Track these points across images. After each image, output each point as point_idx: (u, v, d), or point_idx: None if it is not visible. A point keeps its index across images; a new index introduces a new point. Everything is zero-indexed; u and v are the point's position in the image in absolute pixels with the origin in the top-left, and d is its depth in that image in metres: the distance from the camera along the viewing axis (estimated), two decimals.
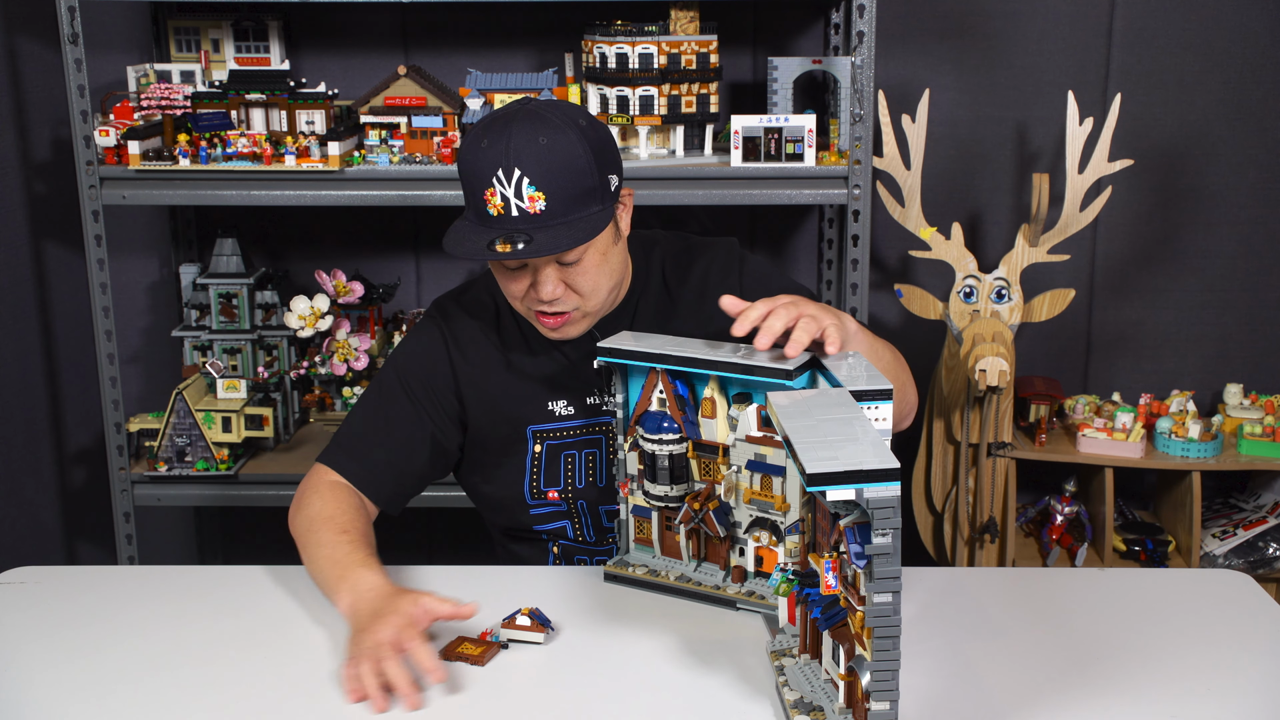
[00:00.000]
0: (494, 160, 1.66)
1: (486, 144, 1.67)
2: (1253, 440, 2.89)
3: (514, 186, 1.65)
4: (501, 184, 1.66)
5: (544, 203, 1.66)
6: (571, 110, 1.72)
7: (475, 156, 1.68)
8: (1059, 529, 3.02)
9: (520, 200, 1.66)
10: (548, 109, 1.71)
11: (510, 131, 1.66)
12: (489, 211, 1.67)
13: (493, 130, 1.68)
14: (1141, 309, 3.19)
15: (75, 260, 3.08)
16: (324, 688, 1.51)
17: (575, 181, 1.67)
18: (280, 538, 3.64)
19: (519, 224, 1.66)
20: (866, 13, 2.57)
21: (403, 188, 2.70)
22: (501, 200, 1.66)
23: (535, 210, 1.66)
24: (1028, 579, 1.78)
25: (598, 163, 1.69)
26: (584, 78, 2.80)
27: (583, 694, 1.49)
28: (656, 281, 1.90)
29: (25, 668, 1.56)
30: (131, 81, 2.84)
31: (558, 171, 1.66)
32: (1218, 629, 1.63)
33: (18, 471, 3.07)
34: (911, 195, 2.84)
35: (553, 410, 1.89)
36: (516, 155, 1.65)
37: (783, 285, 1.88)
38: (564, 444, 1.89)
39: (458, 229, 1.73)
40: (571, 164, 1.67)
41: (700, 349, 1.64)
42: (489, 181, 1.67)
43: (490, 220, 1.68)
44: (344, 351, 2.80)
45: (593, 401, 1.88)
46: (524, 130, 1.66)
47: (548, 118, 1.68)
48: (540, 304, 1.75)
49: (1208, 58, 3.05)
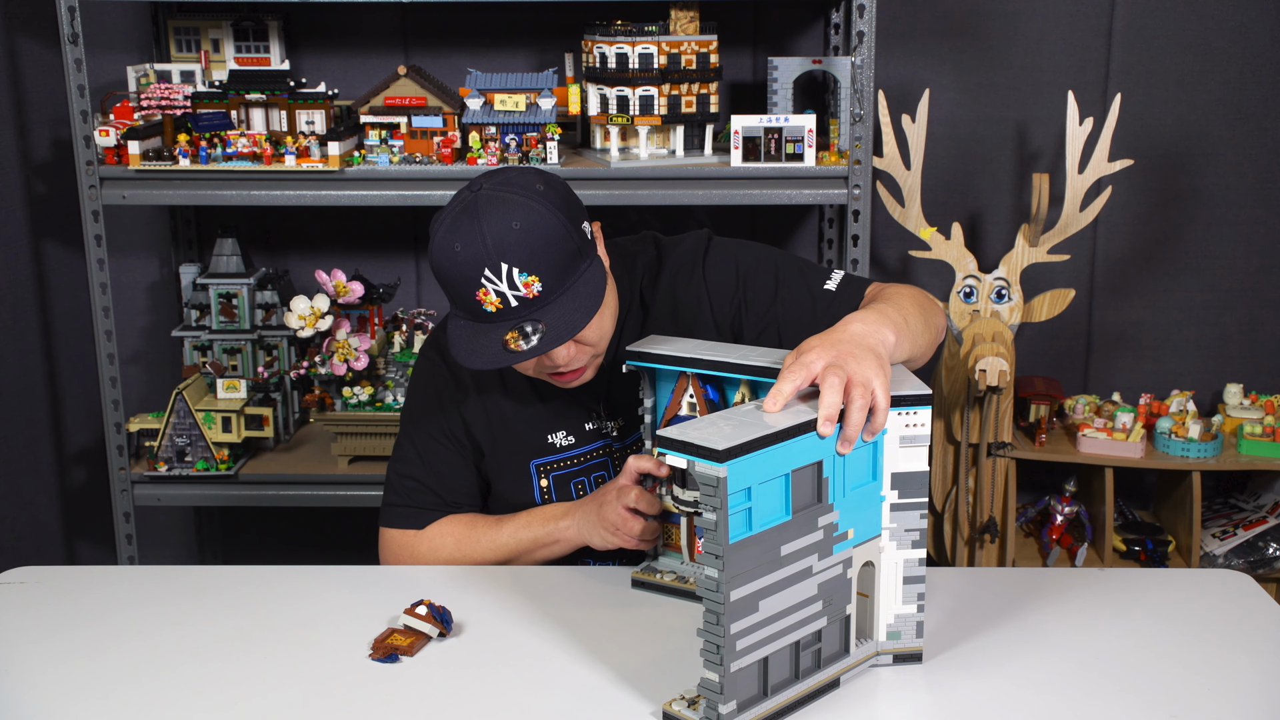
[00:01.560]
0: (476, 260, 1.61)
1: (460, 247, 1.61)
2: (1253, 440, 2.89)
3: (506, 280, 1.61)
4: (492, 281, 1.61)
5: (539, 284, 1.62)
6: (523, 179, 1.67)
7: (453, 262, 1.62)
8: (1059, 529, 3.02)
9: (516, 290, 1.62)
10: (502, 189, 1.64)
11: (480, 226, 1.61)
12: (485, 310, 1.64)
13: (460, 230, 1.62)
14: (1141, 309, 3.19)
15: (75, 260, 3.08)
16: (324, 687, 1.51)
17: (560, 251, 1.63)
18: (280, 538, 3.66)
19: (520, 313, 1.63)
20: (866, 13, 2.57)
21: (403, 188, 2.70)
22: (497, 296, 1.62)
23: (533, 294, 1.62)
24: (1028, 579, 1.78)
25: (571, 222, 1.66)
26: (584, 78, 2.80)
27: (585, 695, 1.49)
28: (637, 299, 1.88)
29: (25, 668, 1.56)
30: (131, 81, 2.84)
31: (542, 250, 1.62)
32: (1218, 629, 1.63)
33: (18, 471, 3.07)
34: (911, 195, 2.84)
35: (553, 443, 1.88)
36: (499, 249, 1.60)
37: (749, 265, 1.83)
38: (570, 473, 1.88)
39: (461, 333, 1.68)
40: (551, 236, 1.63)
41: (731, 353, 1.63)
42: (478, 283, 1.62)
43: (490, 316, 1.64)
44: (344, 351, 2.79)
45: (590, 427, 1.87)
46: (493, 220, 1.61)
47: (508, 199, 1.63)
48: (555, 369, 1.73)
49: (1208, 58, 3.05)
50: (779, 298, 1.80)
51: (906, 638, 1.53)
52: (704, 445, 1.30)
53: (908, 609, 1.52)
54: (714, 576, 1.33)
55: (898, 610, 1.52)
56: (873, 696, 1.48)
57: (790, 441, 1.36)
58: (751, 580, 1.35)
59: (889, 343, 1.52)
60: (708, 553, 1.33)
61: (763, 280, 1.82)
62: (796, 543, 1.39)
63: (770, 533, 1.36)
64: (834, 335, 1.50)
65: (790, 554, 1.39)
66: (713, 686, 1.35)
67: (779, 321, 1.80)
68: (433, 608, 1.61)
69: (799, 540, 1.40)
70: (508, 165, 2.18)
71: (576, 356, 1.72)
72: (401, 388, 2.83)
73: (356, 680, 1.53)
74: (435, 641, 1.61)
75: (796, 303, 1.80)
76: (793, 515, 1.38)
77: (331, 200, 2.71)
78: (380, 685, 1.51)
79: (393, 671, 1.54)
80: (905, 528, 1.50)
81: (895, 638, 1.53)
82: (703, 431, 1.34)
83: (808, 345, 1.48)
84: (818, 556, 1.42)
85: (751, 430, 1.34)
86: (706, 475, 1.30)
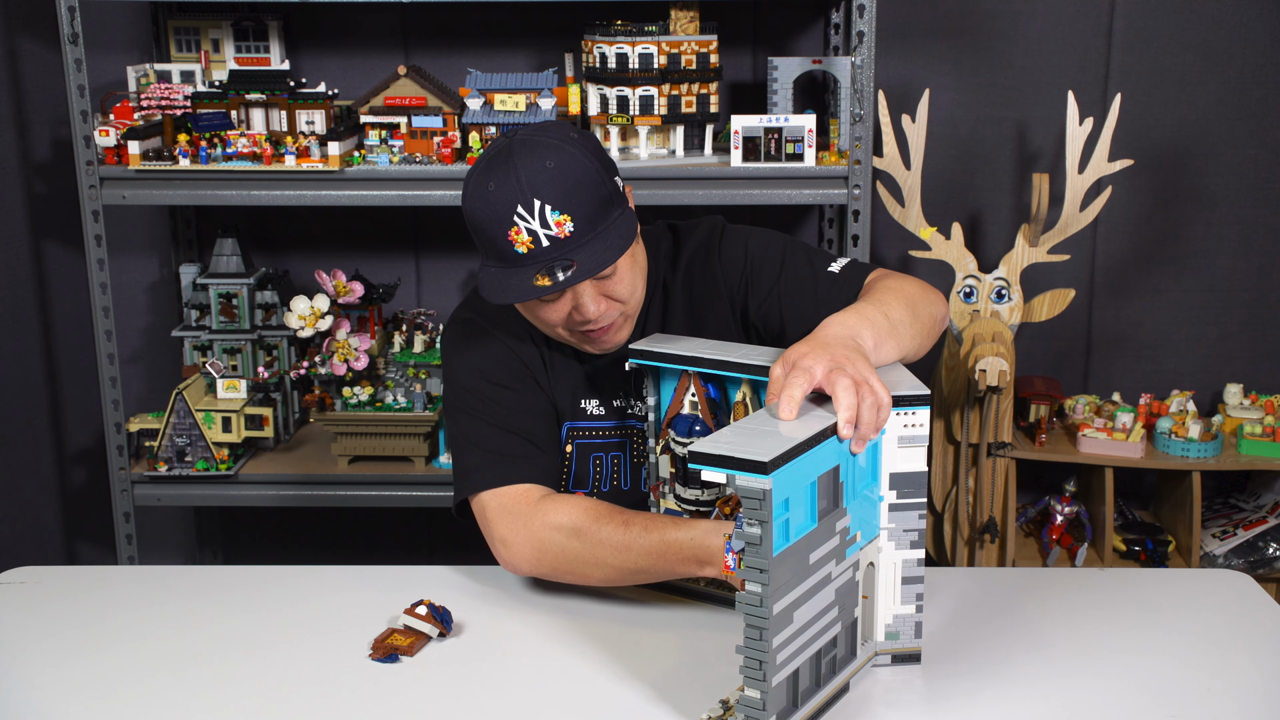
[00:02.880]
0: (509, 198, 1.63)
1: (494, 186, 1.63)
2: (1253, 440, 2.89)
3: (538, 217, 1.62)
4: (524, 219, 1.62)
5: (571, 224, 1.63)
6: (558, 128, 1.70)
7: (486, 201, 1.64)
8: (1059, 529, 3.02)
9: (548, 229, 1.62)
10: (537, 133, 1.67)
11: (514, 166, 1.63)
12: (517, 250, 1.64)
13: (494, 171, 1.64)
14: (1141, 309, 3.19)
15: (75, 260, 3.08)
16: (324, 687, 1.51)
17: (593, 195, 1.65)
18: (280, 538, 3.66)
19: (551, 253, 1.63)
20: (866, 13, 2.57)
21: (403, 188, 2.70)
22: (529, 235, 1.63)
23: (564, 234, 1.63)
24: (1028, 579, 1.78)
25: (603, 169, 1.68)
26: (584, 78, 2.80)
27: (587, 698, 1.49)
28: (659, 284, 1.88)
29: (25, 668, 1.56)
30: (131, 81, 2.84)
31: (574, 190, 1.63)
32: (1218, 629, 1.63)
33: (18, 471, 3.07)
34: (911, 195, 2.84)
35: (585, 409, 1.86)
36: (531, 186, 1.62)
37: (758, 245, 1.83)
38: (594, 444, 1.87)
39: (490, 277, 1.68)
40: (584, 179, 1.65)
41: (733, 352, 1.63)
42: (510, 221, 1.63)
43: (520, 259, 1.64)
44: (344, 351, 2.79)
45: (618, 404, 1.87)
46: (527, 160, 1.63)
47: (543, 141, 1.65)
48: (585, 324, 1.72)
49: (1208, 58, 3.05)
50: (782, 276, 1.81)
51: (905, 638, 1.53)
52: (747, 458, 1.27)
53: (906, 609, 1.52)
54: (758, 592, 1.30)
55: (896, 611, 1.52)
56: (872, 698, 1.48)
57: (818, 448, 1.36)
58: (789, 592, 1.33)
59: (867, 344, 1.53)
60: (751, 567, 1.29)
61: (769, 258, 1.83)
62: (821, 549, 1.39)
63: (802, 542, 1.35)
64: (818, 338, 1.50)
65: (816, 561, 1.38)
66: (755, 704, 1.32)
67: (780, 299, 1.79)
68: (433, 608, 1.61)
69: (823, 547, 1.39)
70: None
71: (607, 311, 1.72)
72: (401, 388, 2.83)
73: (356, 680, 1.53)
74: (435, 641, 1.61)
75: (799, 280, 1.80)
76: (818, 522, 1.38)
77: (331, 200, 2.71)
78: (380, 685, 1.51)
79: (393, 671, 1.54)
80: (904, 528, 1.50)
81: (894, 638, 1.53)
82: (737, 443, 1.31)
83: (797, 352, 1.47)
84: (835, 562, 1.42)
85: (781, 440, 1.32)
86: (751, 489, 1.27)
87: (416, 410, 2.79)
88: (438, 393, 2.85)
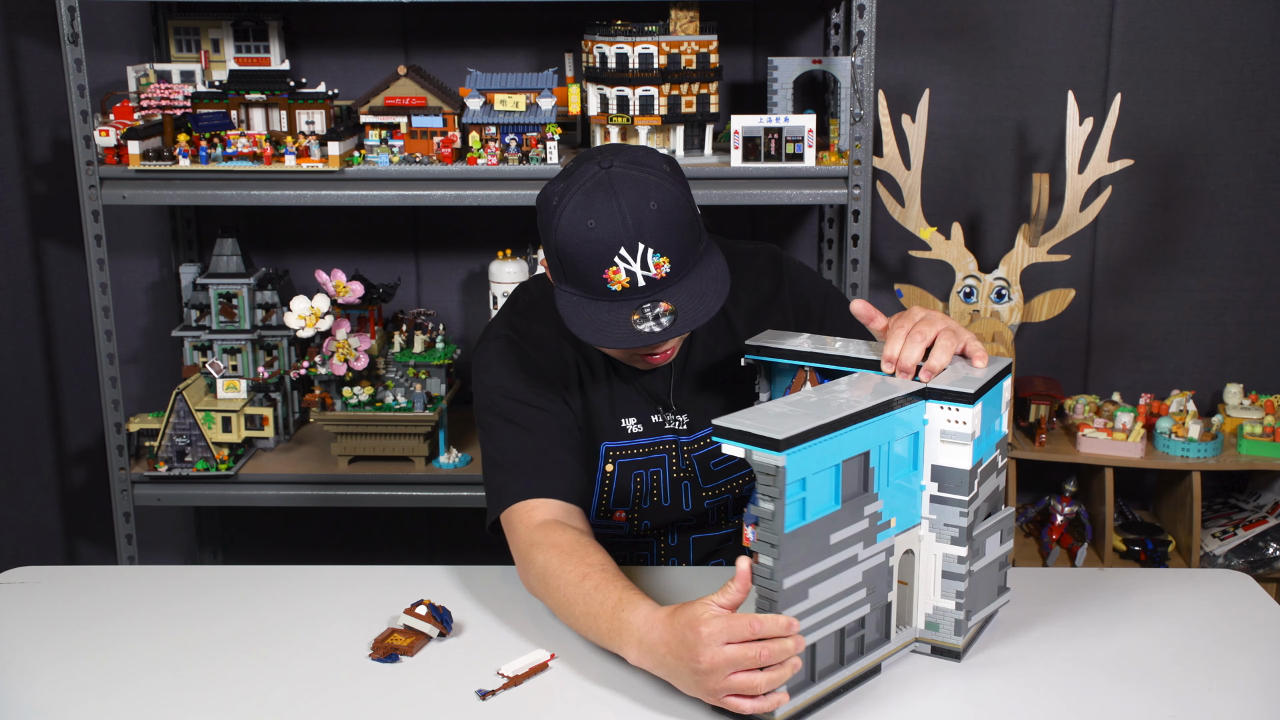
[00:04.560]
0: (612, 240, 1.60)
1: (594, 224, 1.60)
2: (1253, 440, 2.89)
3: (639, 260, 1.61)
4: (626, 261, 1.61)
5: (668, 266, 1.63)
6: (650, 156, 1.68)
7: (585, 239, 1.61)
8: (1059, 529, 3.02)
9: (647, 270, 1.62)
10: (636, 167, 1.64)
11: (619, 205, 1.61)
12: (610, 288, 1.63)
13: (595, 206, 1.61)
14: (1141, 309, 3.19)
15: (75, 260, 3.08)
16: (324, 687, 1.51)
17: (689, 234, 1.65)
18: (280, 538, 3.65)
19: (646, 293, 1.63)
20: (866, 13, 2.57)
21: (403, 188, 2.70)
22: (626, 275, 1.62)
23: (661, 275, 1.63)
24: (1028, 579, 1.78)
25: (692, 201, 1.68)
26: (584, 78, 2.80)
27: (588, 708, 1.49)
28: None
29: (25, 668, 1.56)
30: (131, 81, 2.84)
31: (674, 230, 1.63)
32: (1218, 629, 1.63)
33: (18, 471, 3.07)
34: (911, 195, 2.84)
35: (625, 427, 1.86)
36: (637, 229, 1.60)
37: (823, 291, 1.88)
38: (634, 462, 1.86)
39: (576, 308, 1.65)
40: (682, 219, 1.64)
41: (849, 348, 1.63)
42: (610, 261, 1.61)
43: (612, 295, 1.63)
44: (344, 351, 2.79)
45: (655, 419, 1.86)
46: (632, 199, 1.61)
47: (644, 178, 1.63)
48: (652, 350, 1.73)
49: (1208, 58, 3.05)
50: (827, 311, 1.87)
51: (945, 632, 1.54)
52: (763, 435, 1.33)
53: (946, 603, 1.53)
54: (769, 565, 1.35)
55: (936, 602, 1.54)
56: (874, 693, 1.48)
57: (841, 432, 1.39)
58: (803, 569, 1.38)
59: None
60: (762, 541, 1.35)
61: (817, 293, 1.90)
62: (844, 531, 1.42)
63: (821, 522, 1.39)
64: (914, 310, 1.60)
65: (838, 542, 1.42)
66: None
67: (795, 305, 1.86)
68: (433, 608, 1.61)
69: (847, 529, 1.42)
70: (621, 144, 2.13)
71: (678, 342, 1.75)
72: (401, 388, 2.83)
73: (356, 680, 1.53)
74: (435, 641, 1.61)
75: (837, 315, 1.86)
76: (842, 505, 1.41)
77: (331, 200, 2.71)
78: (380, 685, 1.51)
79: (393, 671, 1.54)
80: (945, 522, 1.52)
81: (934, 629, 1.55)
82: (758, 421, 1.36)
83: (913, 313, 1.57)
84: (863, 545, 1.45)
85: (802, 421, 1.36)
86: (765, 464, 1.33)
87: (416, 410, 2.79)
88: (438, 393, 2.85)
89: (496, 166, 2.69)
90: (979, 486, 1.53)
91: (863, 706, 1.46)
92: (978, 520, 1.54)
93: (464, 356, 3.11)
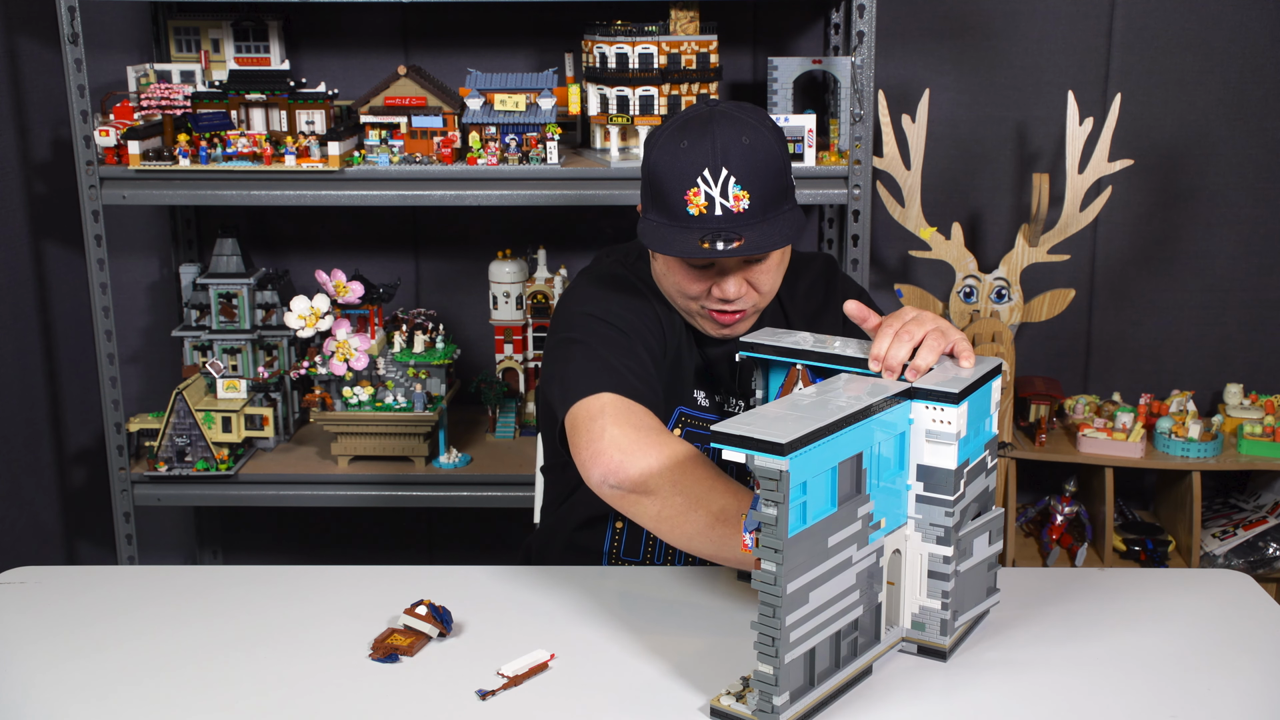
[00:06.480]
0: (699, 160, 1.67)
1: (687, 145, 1.68)
2: (1253, 440, 2.89)
3: (720, 186, 1.67)
4: (708, 183, 1.67)
5: (747, 201, 1.67)
6: (759, 112, 1.75)
7: (675, 157, 1.68)
8: (1059, 529, 3.02)
9: (725, 199, 1.67)
10: (739, 111, 1.72)
11: (713, 132, 1.67)
12: (688, 211, 1.68)
13: (690, 131, 1.68)
14: (1141, 309, 3.19)
15: (75, 260, 3.09)
16: (324, 687, 1.51)
17: (775, 181, 1.69)
18: (280, 538, 3.65)
19: (722, 223, 1.67)
20: (866, 13, 2.57)
21: (403, 188, 2.70)
22: (705, 199, 1.67)
23: (739, 209, 1.67)
24: (1028, 579, 1.78)
25: (788, 162, 1.73)
26: (584, 78, 2.80)
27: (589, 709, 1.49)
28: (777, 300, 1.91)
29: (25, 668, 1.56)
30: (131, 81, 2.84)
31: (760, 171, 1.68)
32: (1218, 629, 1.63)
33: (18, 471, 3.07)
34: (911, 195, 2.84)
35: (695, 398, 1.88)
36: (724, 155, 1.67)
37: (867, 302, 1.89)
38: (700, 435, 1.87)
39: (655, 228, 1.71)
40: (771, 164, 1.69)
41: (847, 347, 1.63)
42: (693, 181, 1.67)
43: (690, 220, 1.68)
44: (344, 351, 2.79)
45: (719, 399, 1.89)
46: (726, 131, 1.68)
47: (743, 119, 1.70)
48: (720, 303, 1.75)
49: (1208, 58, 3.05)
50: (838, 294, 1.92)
51: (931, 632, 1.54)
52: (766, 439, 1.31)
53: (932, 603, 1.53)
54: (772, 571, 1.34)
55: (922, 602, 1.54)
56: (871, 693, 1.48)
57: (838, 435, 1.39)
58: (804, 573, 1.37)
59: None
60: (765, 547, 1.34)
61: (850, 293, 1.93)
62: (840, 534, 1.42)
63: (820, 525, 1.38)
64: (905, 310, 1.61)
65: (835, 545, 1.41)
66: (767, 679, 1.36)
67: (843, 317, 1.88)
68: (433, 608, 1.61)
69: (843, 531, 1.42)
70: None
71: (745, 296, 1.75)
72: (401, 388, 2.83)
73: (356, 680, 1.53)
74: (435, 641, 1.61)
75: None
76: (838, 507, 1.41)
77: (331, 200, 2.71)
78: (380, 685, 1.51)
79: (393, 671, 1.54)
80: (931, 521, 1.52)
81: (920, 629, 1.55)
82: (758, 425, 1.35)
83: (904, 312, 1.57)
84: (856, 546, 1.45)
85: (801, 424, 1.35)
86: (768, 469, 1.32)
87: (416, 410, 2.79)
88: (438, 393, 2.85)
89: (496, 166, 2.69)
90: (966, 487, 1.53)
91: (851, 708, 1.45)
92: (965, 520, 1.53)
93: (464, 357, 3.11)
